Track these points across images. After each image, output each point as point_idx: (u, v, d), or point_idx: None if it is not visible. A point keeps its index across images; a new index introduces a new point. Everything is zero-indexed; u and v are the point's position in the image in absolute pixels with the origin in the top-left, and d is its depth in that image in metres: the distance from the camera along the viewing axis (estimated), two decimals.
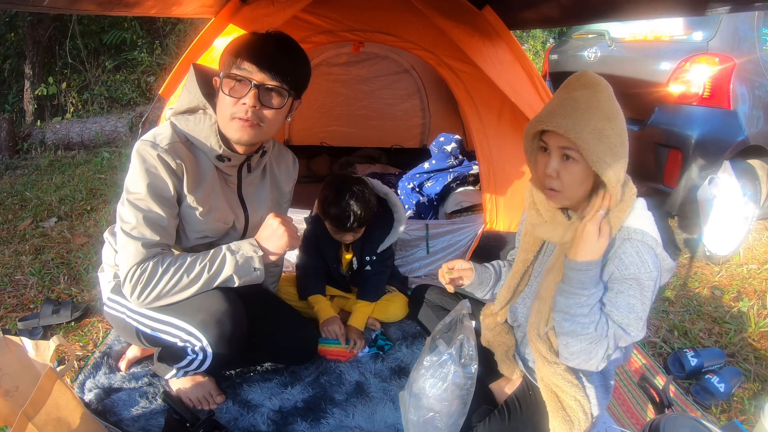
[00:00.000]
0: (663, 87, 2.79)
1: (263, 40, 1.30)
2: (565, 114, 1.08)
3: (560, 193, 1.15)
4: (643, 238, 1.10)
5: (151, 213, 1.28)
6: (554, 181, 1.14)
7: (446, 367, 1.21)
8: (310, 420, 1.52)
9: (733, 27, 2.70)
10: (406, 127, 3.69)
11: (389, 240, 1.97)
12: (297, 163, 1.71)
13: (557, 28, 7.51)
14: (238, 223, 1.49)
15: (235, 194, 1.49)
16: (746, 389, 1.84)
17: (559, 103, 1.12)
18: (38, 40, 5.64)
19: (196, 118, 1.36)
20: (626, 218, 1.13)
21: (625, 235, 1.11)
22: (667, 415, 1.25)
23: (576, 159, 1.10)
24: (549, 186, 1.16)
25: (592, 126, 1.06)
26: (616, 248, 1.11)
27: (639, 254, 1.08)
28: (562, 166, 1.12)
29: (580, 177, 1.12)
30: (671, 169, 2.72)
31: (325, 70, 3.43)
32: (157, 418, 1.50)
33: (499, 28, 2.06)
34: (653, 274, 1.08)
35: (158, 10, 1.59)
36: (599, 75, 1.13)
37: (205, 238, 1.43)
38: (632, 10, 1.65)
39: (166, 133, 1.32)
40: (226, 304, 1.36)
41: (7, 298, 2.29)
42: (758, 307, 2.39)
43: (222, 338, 1.36)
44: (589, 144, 1.05)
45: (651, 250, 1.09)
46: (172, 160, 1.29)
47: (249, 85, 1.26)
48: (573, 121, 1.06)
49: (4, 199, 3.56)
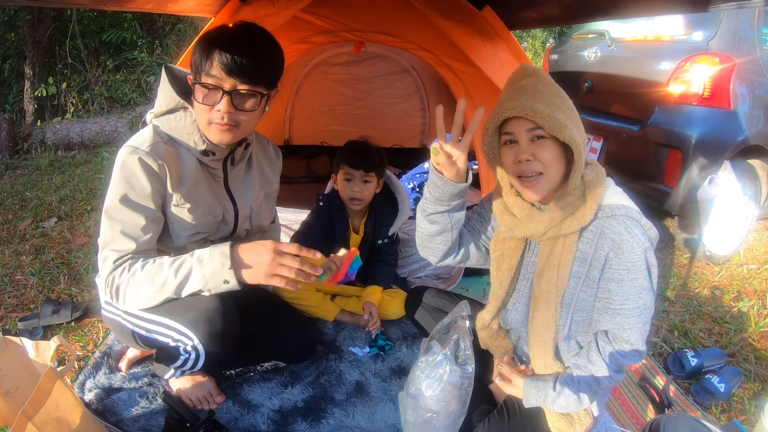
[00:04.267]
0: (663, 87, 2.79)
1: (230, 41, 1.25)
2: (516, 98, 1.11)
3: (543, 174, 1.12)
4: (627, 212, 1.11)
5: (128, 222, 1.28)
6: (534, 163, 1.12)
7: (442, 367, 1.20)
8: (310, 420, 1.53)
9: (733, 27, 2.69)
10: (406, 126, 3.69)
11: (398, 221, 2.06)
12: (279, 154, 1.71)
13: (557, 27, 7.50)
14: (227, 215, 1.50)
15: (222, 187, 1.49)
16: (746, 389, 1.84)
17: (507, 95, 1.15)
18: (38, 40, 5.64)
19: (176, 117, 1.36)
20: (604, 195, 1.13)
21: (608, 212, 1.11)
22: (667, 415, 1.25)
23: (545, 135, 1.10)
24: (529, 172, 1.12)
25: (544, 101, 1.09)
26: (602, 227, 1.11)
27: (627, 229, 1.08)
28: (535, 146, 1.12)
29: (556, 152, 1.12)
30: (671, 169, 2.72)
31: (325, 69, 3.43)
32: (157, 418, 1.50)
33: (499, 28, 2.06)
34: (646, 244, 1.08)
35: (154, 6, 1.58)
36: (539, 68, 1.20)
37: (197, 234, 1.43)
38: (634, 7, 1.64)
39: (147, 135, 1.32)
40: (216, 302, 1.37)
41: (7, 298, 2.29)
42: (758, 307, 2.38)
43: (212, 336, 1.37)
44: (547, 113, 1.07)
45: (636, 222, 1.10)
46: (154, 162, 1.28)
47: (220, 92, 1.24)
48: (524, 100, 1.09)
49: (4, 199, 3.57)
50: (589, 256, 1.13)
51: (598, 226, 1.12)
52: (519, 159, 1.12)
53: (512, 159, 1.15)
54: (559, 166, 1.13)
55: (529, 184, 1.14)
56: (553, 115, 1.07)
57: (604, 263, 1.11)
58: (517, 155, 1.13)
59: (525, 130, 1.11)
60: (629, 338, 1.13)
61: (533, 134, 1.11)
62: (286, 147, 3.56)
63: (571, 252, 1.14)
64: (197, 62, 1.26)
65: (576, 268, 1.15)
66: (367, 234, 2.08)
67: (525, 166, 1.12)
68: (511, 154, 1.15)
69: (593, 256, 1.12)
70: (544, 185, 1.13)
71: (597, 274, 1.13)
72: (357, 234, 2.10)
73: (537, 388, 1.20)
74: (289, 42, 2.27)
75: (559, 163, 1.12)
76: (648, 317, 1.13)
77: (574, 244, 1.14)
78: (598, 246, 1.11)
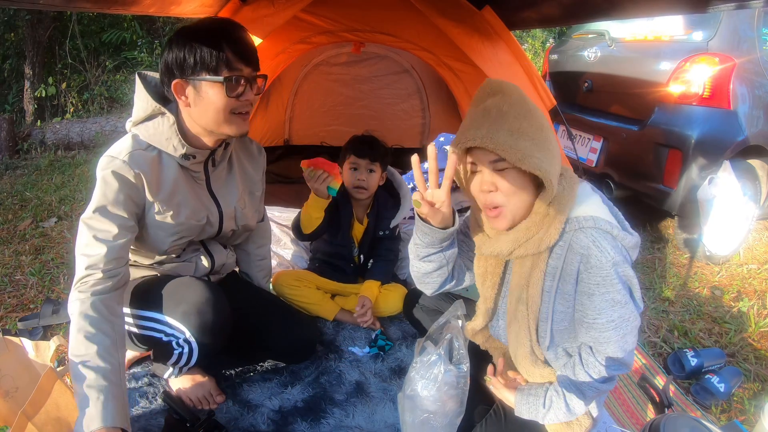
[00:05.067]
0: (663, 87, 2.79)
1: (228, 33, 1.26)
2: (478, 126, 1.05)
3: (505, 207, 1.09)
4: (596, 224, 1.06)
5: (101, 229, 1.26)
6: (496, 195, 1.08)
7: (437, 367, 1.20)
8: (310, 420, 1.52)
9: (733, 27, 2.70)
10: (406, 126, 3.69)
11: (400, 214, 2.10)
12: (262, 151, 1.71)
13: (557, 27, 7.50)
14: (212, 217, 1.50)
15: (205, 190, 1.49)
16: (746, 389, 1.84)
17: (471, 118, 1.09)
18: (38, 40, 5.64)
19: (154, 124, 1.34)
20: (571, 209, 1.09)
21: (575, 225, 1.07)
22: (667, 415, 1.25)
23: (507, 166, 1.05)
24: (492, 204, 1.10)
25: (507, 128, 1.03)
26: (569, 242, 1.08)
27: (595, 242, 1.04)
28: (497, 177, 1.07)
29: (519, 182, 1.07)
30: (671, 169, 2.72)
31: (325, 69, 3.43)
32: (157, 418, 1.50)
33: (499, 28, 2.06)
34: (616, 258, 1.04)
35: (157, 8, 1.59)
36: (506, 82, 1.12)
37: (181, 239, 1.44)
38: (633, 7, 1.64)
39: (126, 144, 1.33)
40: (206, 294, 1.38)
41: (7, 298, 2.29)
42: (758, 307, 2.39)
43: (204, 328, 1.38)
44: (509, 144, 1.01)
45: (606, 234, 1.06)
46: (130, 171, 1.28)
47: (242, 81, 1.28)
48: (486, 129, 1.03)
49: (4, 199, 3.57)
50: (559, 271, 1.11)
51: (566, 240, 1.09)
52: (482, 188, 1.10)
53: (476, 187, 1.12)
54: (524, 195, 1.09)
55: (492, 215, 1.12)
56: (515, 146, 1.01)
57: (576, 278, 1.09)
58: (480, 183, 1.10)
59: (487, 162, 1.07)
60: (606, 351, 1.10)
61: (495, 166, 1.06)
62: (286, 147, 3.56)
63: (541, 270, 1.12)
64: (207, 60, 1.23)
65: (548, 283, 1.13)
66: (370, 224, 2.13)
67: (488, 197, 1.10)
68: (477, 182, 1.12)
69: (563, 270, 1.10)
70: (506, 216, 1.10)
71: (571, 287, 1.10)
72: (361, 224, 2.14)
73: (528, 404, 1.19)
74: (289, 42, 2.27)
75: (524, 191, 1.08)
76: (628, 329, 1.09)
77: (543, 262, 1.11)
78: (567, 260, 1.09)
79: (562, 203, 1.08)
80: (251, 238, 1.81)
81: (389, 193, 2.17)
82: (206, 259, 1.59)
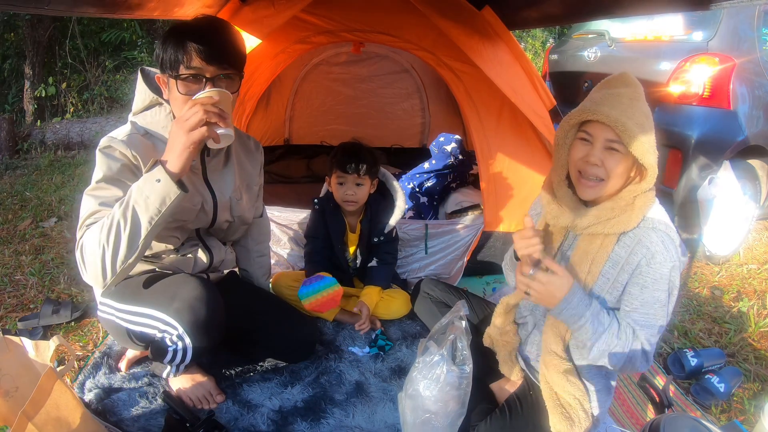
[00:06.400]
0: (663, 87, 2.79)
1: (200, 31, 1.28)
2: (612, 106, 1.12)
3: (604, 181, 1.16)
4: (667, 229, 1.15)
5: (107, 195, 1.29)
6: (599, 169, 1.15)
7: (439, 367, 1.20)
8: (310, 420, 1.52)
9: (733, 27, 2.70)
10: (406, 126, 3.69)
11: (395, 217, 2.05)
12: (260, 147, 1.75)
13: (557, 26, 7.50)
14: (206, 204, 1.52)
15: (201, 178, 1.51)
16: (746, 389, 1.84)
17: (603, 96, 1.16)
18: (38, 40, 5.64)
19: (152, 113, 1.42)
20: (649, 208, 1.16)
21: (650, 224, 1.15)
22: (667, 415, 1.25)
23: (620, 151, 1.13)
24: (591, 175, 1.17)
25: (635, 120, 1.11)
26: (639, 236, 1.15)
27: (665, 244, 1.12)
28: (606, 155, 1.15)
29: (624, 167, 1.15)
30: (671, 169, 2.72)
31: (325, 69, 3.43)
32: (157, 418, 1.50)
33: (499, 28, 2.06)
34: (676, 263, 1.12)
35: (161, 12, 1.59)
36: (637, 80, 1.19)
37: (174, 222, 1.45)
38: (635, 5, 1.63)
39: (125, 129, 1.39)
40: (199, 291, 1.39)
41: (7, 298, 2.29)
42: (758, 307, 2.39)
43: (197, 324, 1.38)
44: (637, 135, 1.09)
45: (673, 241, 1.14)
46: (128, 150, 1.33)
47: (202, 80, 1.28)
48: (619, 113, 1.10)
49: (4, 199, 3.57)
50: (622, 260, 1.17)
51: (637, 234, 1.16)
52: (588, 160, 1.16)
53: (581, 155, 1.18)
54: (621, 180, 1.17)
55: (587, 185, 1.19)
56: (639, 138, 1.09)
57: (635, 269, 1.15)
58: (587, 155, 1.17)
59: (604, 138, 1.14)
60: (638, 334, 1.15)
61: (610, 144, 1.14)
62: (286, 147, 3.56)
63: (607, 252, 1.18)
64: (171, 58, 1.28)
65: (607, 269, 1.19)
66: (363, 232, 2.09)
67: (590, 168, 1.17)
68: (582, 151, 1.19)
69: (626, 260, 1.16)
70: (599, 190, 1.18)
71: (626, 278, 1.17)
72: (353, 233, 2.11)
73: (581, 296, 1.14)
74: (289, 42, 2.27)
75: (622, 177, 1.16)
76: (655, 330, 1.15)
77: (611, 245, 1.18)
78: (633, 252, 1.15)
79: (645, 201, 1.16)
80: (250, 234, 1.81)
81: (383, 195, 2.11)
82: (204, 254, 1.60)
